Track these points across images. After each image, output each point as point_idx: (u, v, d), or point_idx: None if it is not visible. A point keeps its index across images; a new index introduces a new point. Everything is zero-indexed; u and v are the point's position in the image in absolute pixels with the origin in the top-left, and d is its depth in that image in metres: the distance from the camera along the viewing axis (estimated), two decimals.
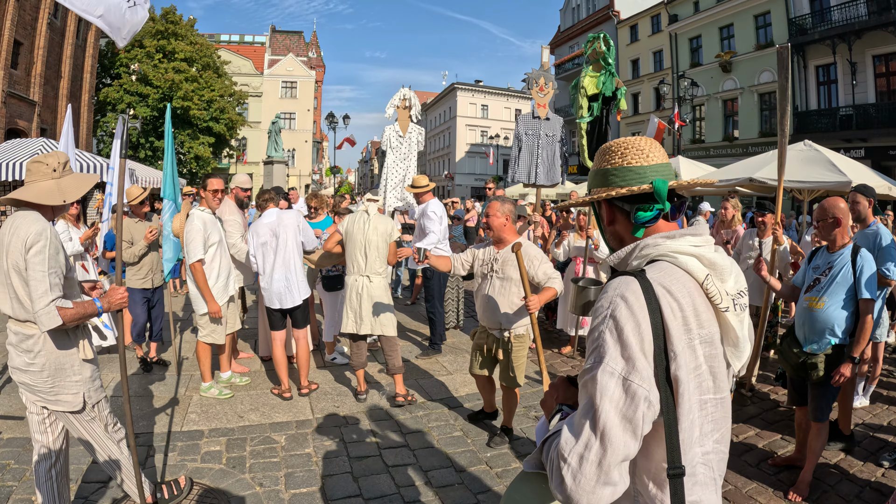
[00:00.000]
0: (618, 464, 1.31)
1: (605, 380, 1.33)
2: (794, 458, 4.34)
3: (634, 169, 1.58)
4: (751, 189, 12.37)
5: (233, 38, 55.97)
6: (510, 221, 4.45)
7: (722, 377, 1.48)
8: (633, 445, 1.33)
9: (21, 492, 3.85)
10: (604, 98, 6.63)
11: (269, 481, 4.08)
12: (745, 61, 27.79)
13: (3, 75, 20.33)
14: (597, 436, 1.31)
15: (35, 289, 2.85)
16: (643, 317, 1.36)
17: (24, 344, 3.01)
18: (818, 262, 4.14)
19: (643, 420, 1.33)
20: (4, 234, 2.94)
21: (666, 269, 1.46)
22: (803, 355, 3.97)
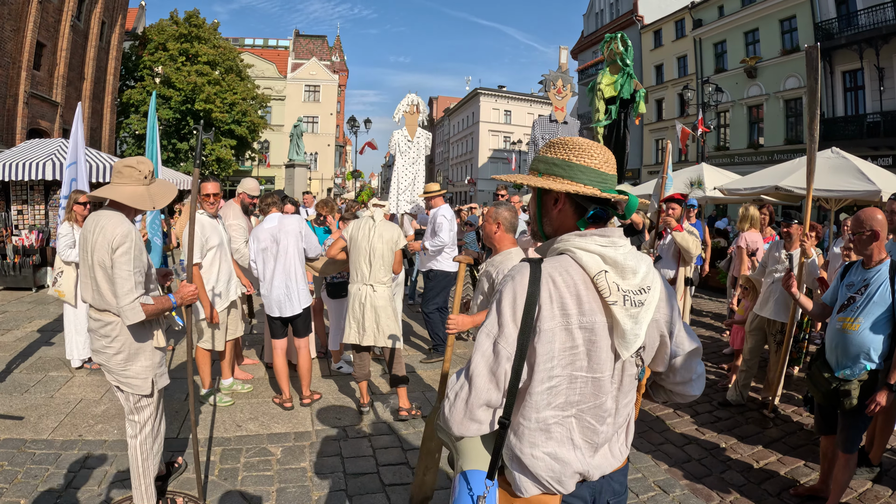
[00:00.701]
0: (481, 406, 1.64)
1: (481, 339, 1.67)
2: (818, 489, 4.02)
3: (604, 175, 1.73)
4: (776, 198, 12.05)
5: (257, 42, 56.51)
6: (502, 229, 3.96)
7: (599, 360, 1.67)
8: (494, 394, 1.64)
9: (11, 494, 3.79)
10: (621, 101, 6.41)
11: (259, 496, 3.91)
12: (771, 67, 27.34)
13: (26, 76, 20.59)
14: (468, 380, 1.65)
15: (121, 286, 3.14)
16: (521, 295, 1.62)
17: (103, 330, 3.32)
18: (852, 278, 3.79)
19: (505, 376, 1.62)
20: (90, 232, 3.21)
21: (561, 262, 1.67)
22: (835, 381, 3.64)
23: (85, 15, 25.51)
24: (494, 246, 4.02)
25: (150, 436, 3.53)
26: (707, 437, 5.10)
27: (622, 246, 1.71)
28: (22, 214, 12.30)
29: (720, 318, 9.94)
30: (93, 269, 3.21)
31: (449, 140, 74.06)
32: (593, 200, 1.74)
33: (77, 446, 4.52)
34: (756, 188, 11.63)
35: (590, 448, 1.75)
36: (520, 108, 62.85)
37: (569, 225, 1.78)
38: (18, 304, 9.89)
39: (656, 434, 5.14)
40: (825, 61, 23.41)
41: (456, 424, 1.68)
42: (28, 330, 8.13)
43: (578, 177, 1.71)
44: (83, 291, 3.36)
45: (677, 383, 1.92)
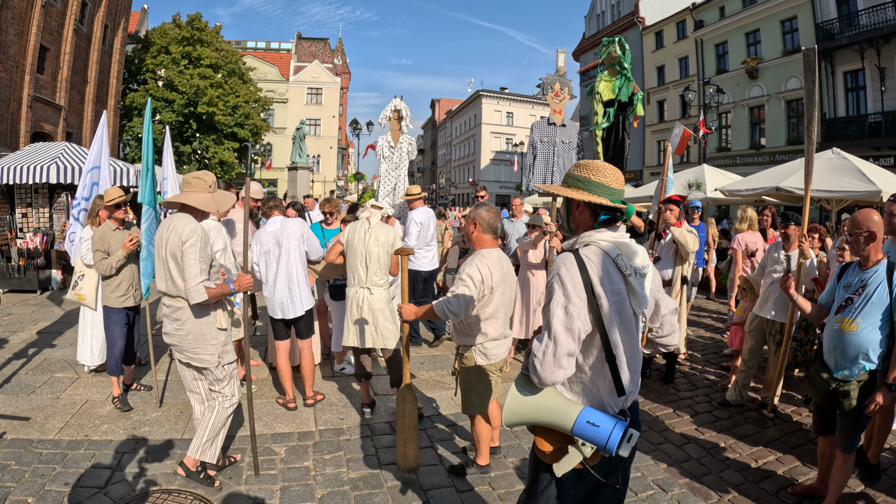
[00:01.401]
0: (565, 355, 2.17)
1: (554, 307, 2.23)
2: (816, 488, 4.05)
3: (613, 190, 2.38)
4: (778, 198, 12.10)
5: (259, 45, 56.63)
6: (479, 229, 3.98)
7: (628, 315, 2.31)
8: (573, 345, 2.20)
9: (19, 493, 3.84)
10: (619, 104, 6.45)
11: (263, 495, 3.96)
12: (772, 67, 27.35)
13: (30, 80, 20.69)
14: (551, 339, 2.18)
15: (188, 272, 3.75)
16: (575, 273, 2.24)
17: (175, 314, 3.93)
18: (849, 279, 3.78)
19: (578, 330, 2.19)
20: (164, 231, 3.88)
21: (591, 250, 2.32)
22: (834, 382, 3.65)
23: (88, 19, 25.61)
24: (473, 245, 4.09)
25: (230, 406, 4.12)
26: (706, 436, 5.13)
27: (627, 237, 2.39)
28: (26, 217, 12.37)
29: (721, 318, 9.97)
30: (167, 262, 3.83)
31: (451, 142, 74.09)
32: (605, 208, 2.36)
33: (83, 446, 4.58)
34: (757, 189, 11.67)
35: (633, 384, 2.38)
36: (522, 110, 62.86)
37: (587, 224, 2.42)
38: (23, 307, 9.96)
39: (655, 433, 5.18)
40: (826, 62, 23.41)
41: (548, 374, 2.18)
42: (33, 332, 8.19)
43: (594, 190, 2.36)
44: (158, 282, 4.00)
45: (664, 335, 2.67)
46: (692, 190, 13.56)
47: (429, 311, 3.83)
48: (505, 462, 4.52)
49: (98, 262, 5.26)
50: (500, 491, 4.10)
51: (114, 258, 5.26)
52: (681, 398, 6.12)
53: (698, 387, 6.49)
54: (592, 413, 2.21)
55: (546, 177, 6.75)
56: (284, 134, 45.65)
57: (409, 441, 4.11)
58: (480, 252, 3.93)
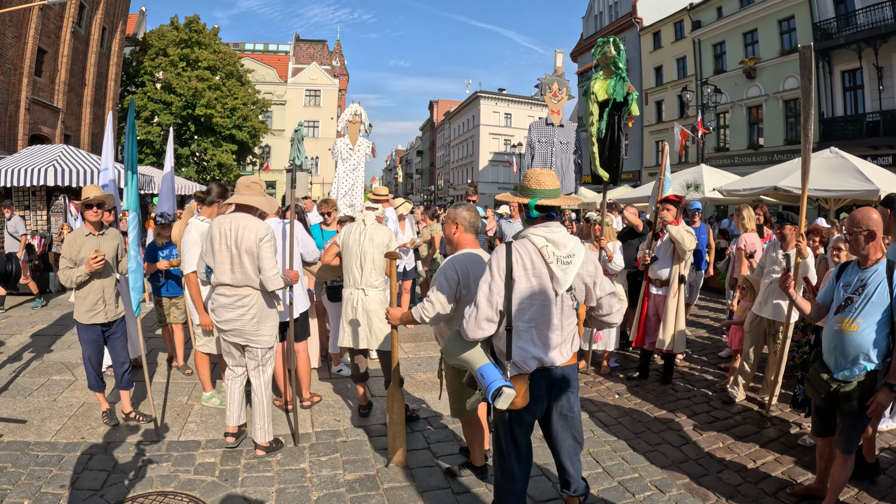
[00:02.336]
0: (484, 319, 3.00)
1: (482, 283, 3.04)
2: (815, 489, 4.02)
3: (542, 192, 3.13)
4: (776, 198, 12.11)
5: (257, 47, 56.65)
6: (461, 229, 3.90)
7: (546, 295, 3.05)
8: (491, 313, 3.00)
9: (15, 495, 3.85)
10: (615, 104, 6.43)
11: (259, 495, 3.95)
12: (770, 67, 27.34)
13: (28, 82, 20.67)
14: (475, 306, 3.01)
15: (267, 264, 4.37)
16: (502, 259, 3.02)
17: (240, 301, 4.44)
18: (849, 279, 3.72)
19: (496, 303, 2.99)
20: (228, 229, 4.37)
21: (522, 241, 3.09)
22: (835, 382, 3.60)
23: (86, 21, 25.58)
24: (454, 246, 3.96)
25: (270, 381, 4.69)
26: (704, 437, 5.12)
27: (558, 231, 3.09)
28: (24, 220, 12.34)
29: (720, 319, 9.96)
30: (240, 256, 4.34)
31: (450, 143, 74.08)
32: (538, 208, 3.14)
33: (80, 448, 4.57)
34: (755, 189, 11.68)
35: (545, 347, 3.07)
36: (520, 111, 62.81)
37: (524, 221, 3.25)
38: (21, 310, 9.94)
39: (653, 434, 5.17)
40: (824, 61, 23.41)
41: (471, 332, 3.03)
42: (31, 335, 8.17)
43: (526, 193, 3.18)
44: (220, 275, 4.44)
45: (603, 315, 3.28)
46: (690, 190, 13.55)
47: (409, 315, 3.84)
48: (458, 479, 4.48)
49: (62, 271, 4.73)
50: None
51: (74, 272, 4.70)
52: (679, 399, 6.11)
53: (696, 387, 6.48)
54: (486, 368, 3.03)
55: None
56: (283, 136, 45.59)
57: (397, 435, 4.44)
58: (458, 253, 3.85)
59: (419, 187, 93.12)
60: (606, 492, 4.13)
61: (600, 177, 6.87)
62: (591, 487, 4.09)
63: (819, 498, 3.86)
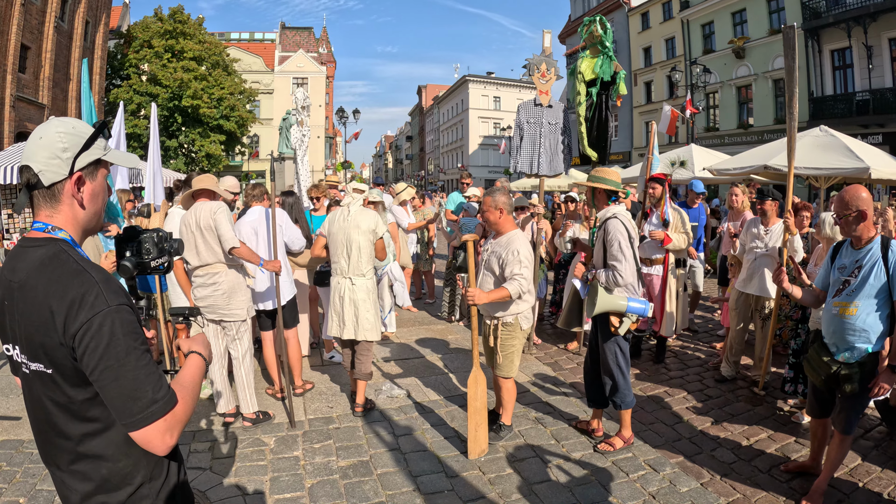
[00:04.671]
0: (630, 272, 4.22)
1: (624, 248, 4.19)
2: (808, 466, 4.01)
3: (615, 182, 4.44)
4: (766, 177, 12.06)
5: (243, 36, 55.91)
6: (505, 213, 4.39)
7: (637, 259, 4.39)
8: (633, 269, 4.28)
9: (10, 493, 3.82)
10: (602, 83, 6.38)
11: (253, 485, 3.94)
12: (759, 47, 27.25)
13: (11, 80, 20.45)
14: (626, 261, 4.20)
15: (225, 232, 4.56)
16: (625, 230, 4.24)
17: (210, 280, 4.70)
18: (844, 261, 3.61)
19: (632, 259, 4.26)
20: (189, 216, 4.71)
21: (622, 215, 4.34)
22: (836, 364, 3.50)
23: (69, 15, 25.24)
24: (499, 229, 4.42)
25: (248, 353, 4.93)
26: (697, 415, 5.14)
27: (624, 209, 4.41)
28: (12, 218, 12.26)
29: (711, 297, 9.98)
30: (199, 236, 4.60)
31: (439, 128, 73.90)
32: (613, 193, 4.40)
33: None
34: (745, 168, 11.64)
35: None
36: (509, 94, 62.62)
37: (604, 203, 4.49)
38: None
39: (647, 413, 5.18)
40: (813, 40, 23.37)
41: (624, 282, 4.17)
42: None
43: (608, 182, 4.42)
44: (190, 259, 4.72)
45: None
46: (675, 167, 13.53)
47: (497, 293, 4.19)
48: (496, 447, 4.50)
49: None
50: (490, 475, 4.09)
51: None
52: (672, 378, 6.12)
53: (689, 366, 6.50)
54: (633, 301, 4.19)
55: (533, 158, 6.61)
56: (271, 125, 45.27)
57: (480, 423, 4.35)
58: (517, 233, 4.40)
59: (409, 172, 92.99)
60: (600, 472, 4.13)
61: (589, 157, 6.84)
62: (583, 469, 4.14)
63: (813, 475, 3.86)
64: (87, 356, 1.45)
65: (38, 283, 1.52)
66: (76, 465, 1.60)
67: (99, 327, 1.46)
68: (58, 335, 1.47)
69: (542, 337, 7.64)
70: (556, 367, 6.47)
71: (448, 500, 3.77)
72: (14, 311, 1.56)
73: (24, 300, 1.53)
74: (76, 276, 1.52)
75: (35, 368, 1.55)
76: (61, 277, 1.51)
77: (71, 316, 1.46)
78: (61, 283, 1.50)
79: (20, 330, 1.55)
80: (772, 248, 5.51)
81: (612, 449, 4.41)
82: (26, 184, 1.58)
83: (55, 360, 1.51)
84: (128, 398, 1.47)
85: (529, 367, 6.44)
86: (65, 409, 1.57)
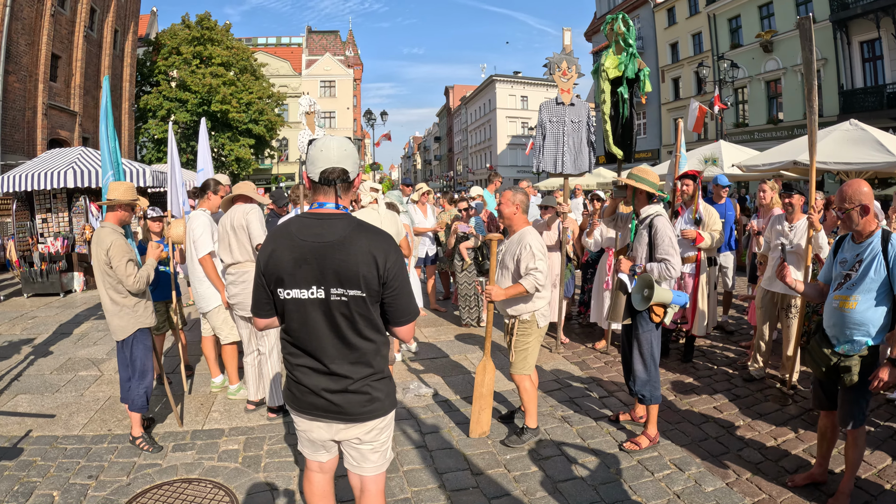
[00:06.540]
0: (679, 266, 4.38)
1: (672, 241, 4.37)
2: (816, 475, 3.89)
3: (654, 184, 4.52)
4: (796, 173, 11.90)
5: (269, 41, 56.57)
6: (521, 211, 4.50)
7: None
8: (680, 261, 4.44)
9: (44, 487, 3.97)
10: (627, 80, 6.35)
11: (282, 481, 4.02)
12: (787, 40, 26.80)
13: (43, 88, 20.96)
14: (675, 255, 4.34)
15: (256, 231, 4.98)
16: (669, 223, 4.44)
17: (240, 277, 5.01)
18: (845, 255, 3.58)
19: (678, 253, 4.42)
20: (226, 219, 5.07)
21: (665, 213, 4.51)
22: (836, 356, 3.50)
23: (97, 25, 25.82)
24: (512, 225, 4.53)
25: (275, 348, 5.10)
26: (724, 415, 5.10)
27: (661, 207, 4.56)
28: (46, 223, 12.56)
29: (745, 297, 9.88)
30: (235, 234, 4.96)
31: (467, 129, 73.84)
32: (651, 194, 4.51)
33: (107, 440, 4.67)
34: (774, 164, 11.51)
35: None
36: (536, 93, 62.28)
37: (645, 202, 4.54)
38: (47, 310, 10.13)
39: (673, 412, 5.16)
40: (842, 32, 22.93)
41: (674, 275, 4.30)
42: (57, 333, 8.33)
43: (649, 184, 4.47)
44: (223, 255, 5.09)
45: None
46: (707, 164, 13.36)
47: (514, 289, 4.31)
48: (521, 445, 4.53)
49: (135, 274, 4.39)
50: (515, 473, 4.12)
51: (145, 269, 4.53)
52: (699, 376, 6.08)
53: (717, 365, 6.44)
54: (677, 293, 4.33)
55: (557, 157, 6.60)
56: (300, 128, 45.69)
57: (484, 408, 4.70)
58: (529, 229, 4.48)
59: (438, 173, 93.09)
60: (625, 471, 4.13)
61: (614, 155, 6.82)
62: (608, 468, 4.13)
63: (821, 483, 3.79)
64: (392, 280, 2.41)
65: (360, 239, 2.38)
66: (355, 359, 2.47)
67: (400, 264, 2.45)
68: (377, 270, 2.37)
69: (569, 336, 7.63)
70: (583, 366, 6.47)
71: (473, 497, 3.81)
72: (325, 261, 2.36)
73: (345, 251, 2.36)
74: (380, 235, 2.46)
75: (353, 294, 2.37)
76: (374, 236, 2.43)
77: (390, 258, 2.40)
78: (377, 239, 2.42)
79: (332, 273, 2.36)
80: (797, 244, 5.43)
81: (638, 448, 4.40)
82: (337, 176, 2.43)
83: (371, 287, 2.37)
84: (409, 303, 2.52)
85: (556, 366, 6.45)
86: (365, 318, 2.42)
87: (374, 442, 2.63)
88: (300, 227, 2.44)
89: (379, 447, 2.66)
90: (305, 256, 2.37)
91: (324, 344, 2.44)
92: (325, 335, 2.43)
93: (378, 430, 2.60)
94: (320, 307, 2.40)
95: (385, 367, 2.58)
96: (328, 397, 2.48)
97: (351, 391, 2.48)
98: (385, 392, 2.58)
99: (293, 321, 2.46)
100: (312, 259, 2.37)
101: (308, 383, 2.50)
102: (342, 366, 2.45)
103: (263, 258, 2.47)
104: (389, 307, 2.47)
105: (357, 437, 2.59)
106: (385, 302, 2.45)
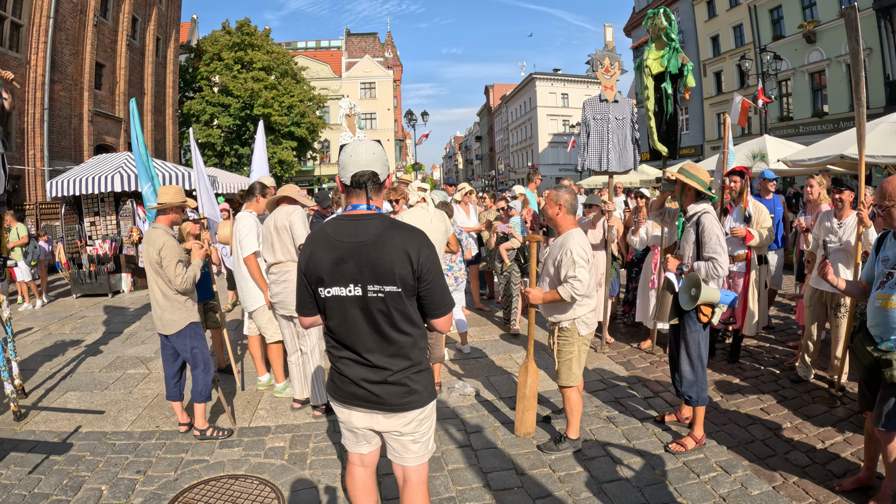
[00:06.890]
0: (727, 265, 4.28)
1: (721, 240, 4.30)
2: (864, 479, 3.76)
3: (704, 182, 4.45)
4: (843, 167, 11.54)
5: (309, 45, 57.18)
6: (564, 211, 4.30)
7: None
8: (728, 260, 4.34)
9: (93, 481, 4.09)
10: (670, 76, 6.25)
11: (327, 478, 4.08)
12: (830, 30, 25.95)
13: (89, 96, 21.64)
14: (724, 254, 4.25)
15: (299, 232, 5.06)
16: (717, 221, 4.38)
17: (282, 277, 5.11)
18: (887, 253, 3.46)
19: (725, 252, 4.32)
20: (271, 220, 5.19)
21: (713, 211, 4.42)
22: (878, 353, 3.40)
23: (140, 33, 26.50)
24: (557, 227, 4.37)
25: (318, 347, 5.17)
26: (771, 416, 4.98)
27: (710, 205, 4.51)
28: (94, 226, 12.93)
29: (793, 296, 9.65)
30: (278, 234, 5.07)
31: (508, 127, 73.64)
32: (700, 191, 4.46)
33: (155, 436, 4.79)
34: (821, 158, 11.18)
35: None
36: (577, 91, 61.76)
37: (692, 199, 4.50)
38: (95, 310, 10.43)
39: (719, 414, 5.06)
40: (886, 20, 22.14)
41: (721, 274, 4.24)
42: (106, 333, 8.57)
43: (695, 180, 4.42)
44: (266, 255, 5.20)
45: None
46: (756, 160, 13.05)
47: (553, 295, 4.23)
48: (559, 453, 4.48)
49: (182, 275, 4.54)
50: (560, 473, 4.10)
51: (192, 269, 4.67)
52: (746, 377, 5.95)
53: (764, 366, 6.30)
54: (724, 292, 4.20)
55: (602, 154, 6.51)
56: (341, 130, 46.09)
57: (528, 408, 4.70)
58: (573, 232, 4.29)
59: (479, 173, 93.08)
60: (671, 472, 4.07)
61: (659, 152, 6.72)
62: (653, 469, 4.08)
63: (869, 488, 3.66)
64: (426, 274, 2.48)
65: (393, 237, 2.47)
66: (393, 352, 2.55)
67: (433, 259, 2.52)
68: (411, 266, 2.45)
69: (614, 336, 7.55)
70: (628, 367, 6.39)
71: (517, 497, 3.80)
72: (361, 259, 2.46)
73: (380, 249, 2.45)
74: (412, 231, 2.54)
75: (389, 290, 2.45)
76: (406, 233, 2.51)
77: (423, 254, 2.48)
78: (409, 236, 2.50)
79: (369, 270, 2.46)
80: (846, 242, 5.27)
81: (684, 449, 4.33)
82: (368, 179, 2.54)
83: (406, 282, 2.46)
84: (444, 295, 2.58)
85: (601, 366, 6.40)
86: (401, 313, 2.51)
87: (415, 433, 2.70)
88: (336, 228, 2.56)
89: (420, 438, 2.73)
90: (342, 256, 2.49)
91: (363, 338, 2.55)
92: (363, 330, 2.54)
93: (418, 421, 2.67)
94: (358, 304, 2.51)
95: (423, 359, 2.66)
96: (368, 387, 2.58)
97: (390, 382, 2.57)
98: (423, 384, 2.65)
99: (334, 318, 2.58)
100: (349, 258, 2.48)
101: (349, 374, 2.61)
102: (381, 358, 2.55)
103: (304, 260, 2.59)
104: (425, 300, 2.55)
105: (397, 430, 2.67)
106: (421, 295, 2.54)
